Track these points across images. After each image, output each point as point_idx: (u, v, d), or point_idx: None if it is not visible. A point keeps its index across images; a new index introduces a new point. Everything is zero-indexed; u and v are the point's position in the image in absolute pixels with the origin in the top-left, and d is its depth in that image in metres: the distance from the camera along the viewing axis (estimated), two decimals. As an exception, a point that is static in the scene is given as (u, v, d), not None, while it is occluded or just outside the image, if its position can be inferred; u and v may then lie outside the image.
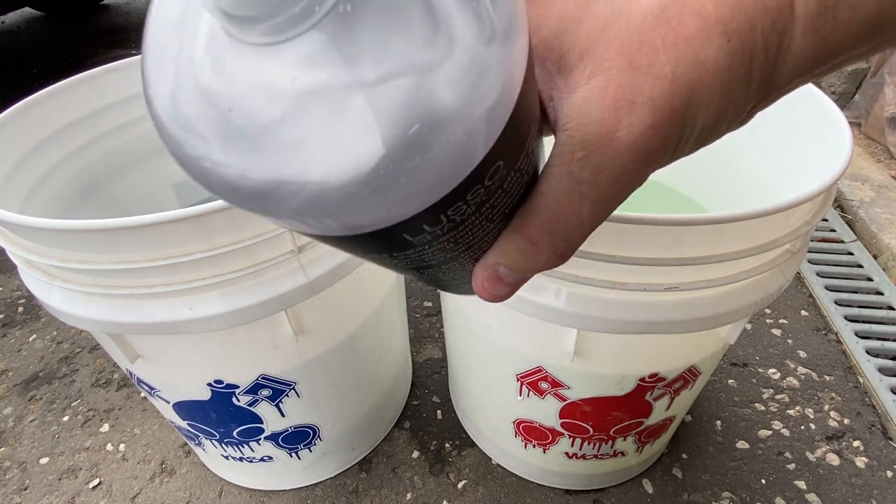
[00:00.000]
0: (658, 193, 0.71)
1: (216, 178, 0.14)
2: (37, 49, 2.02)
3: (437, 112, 0.13)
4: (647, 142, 0.15)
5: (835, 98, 1.35)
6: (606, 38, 0.15)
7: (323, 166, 0.13)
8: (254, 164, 0.14)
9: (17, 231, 0.41)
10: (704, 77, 0.15)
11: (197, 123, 0.14)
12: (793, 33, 0.15)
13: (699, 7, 0.15)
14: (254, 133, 0.13)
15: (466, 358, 0.64)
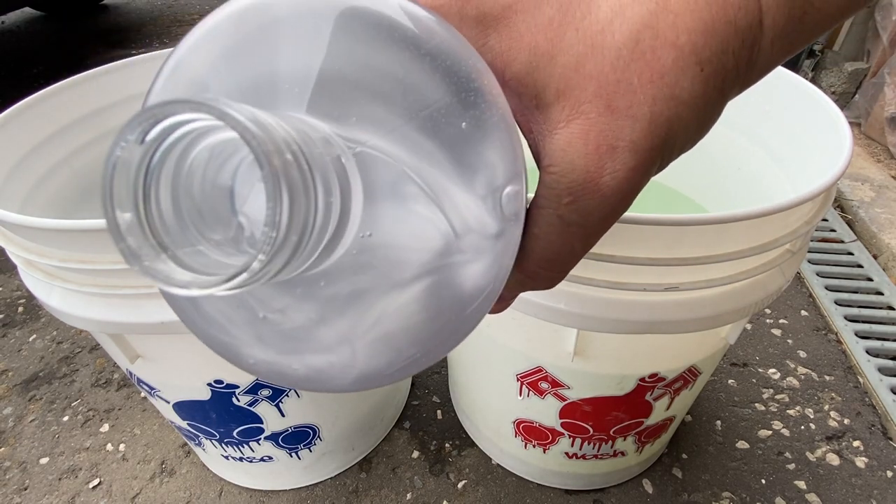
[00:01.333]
0: (658, 193, 0.71)
1: (266, 373, 0.16)
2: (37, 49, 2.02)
3: (462, 299, 0.15)
4: (630, 182, 0.16)
5: (835, 98, 1.35)
6: (582, 76, 0.15)
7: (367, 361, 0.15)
8: (298, 362, 0.16)
9: (17, 231, 0.41)
10: (681, 111, 0.15)
11: (232, 329, 0.16)
12: (762, 45, 0.16)
13: (673, 37, 0.15)
14: (291, 335, 0.15)
15: (466, 358, 0.64)
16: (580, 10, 0.15)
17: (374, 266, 0.14)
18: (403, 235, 0.14)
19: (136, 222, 0.12)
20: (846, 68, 1.33)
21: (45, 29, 2.20)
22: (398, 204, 0.14)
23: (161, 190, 0.12)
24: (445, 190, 0.14)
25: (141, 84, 0.61)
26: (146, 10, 2.37)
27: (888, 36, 1.22)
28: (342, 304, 0.15)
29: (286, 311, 0.15)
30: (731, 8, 0.15)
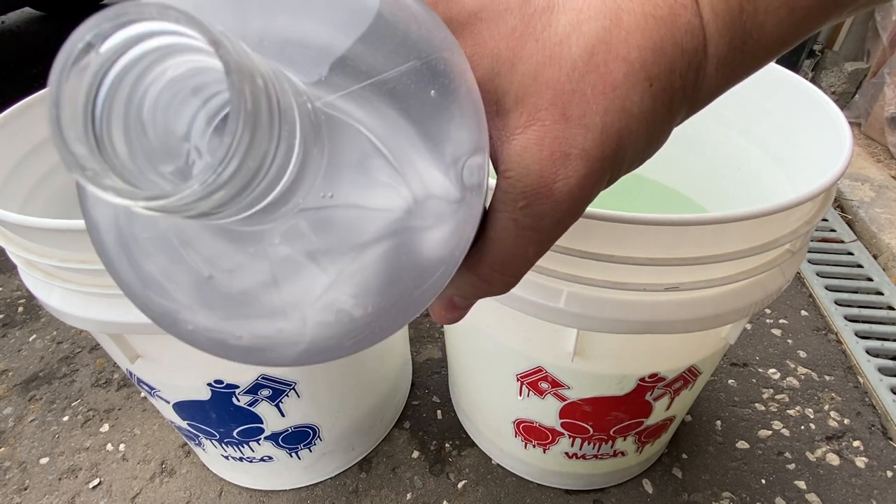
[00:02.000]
0: (658, 193, 0.71)
1: (205, 341, 0.15)
2: (37, 49, 2.02)
3: (422, 266, 0.14)
4: (582, 189, 0.16)
5: (835, 98, 1.35)
6: (539, 85, 0.16)
7: (321, 325, 0.15)
8: (244, 329, 0.15)
9: (17, 231, 0.41)
10: (631, 124, 0.16)
11: (173, 290, 0.14)
12: (706, 70, 0.17)
13: (624, 52, 0.16)
14: (240, 298, 0.14)
15: (466, 358, 0.64)
16: (541, 22, 0.16)
17: (333, 227, 0.14)
18: (365, 197, 0.14)
19: (83, 134, 0.11)
20: (846, 68, 1.33)
21: (45, 29, 2.20)
22: (361, 166, 0.14)
23: (114, 108, 0.11)
24: (408, 155, 0.14)
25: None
26: (146, 10, 2.36)
27: (888, 36, 1.22)
28: (297, 265, 0.14)
29: (236, 270, 0.14)
30: (678, 31, 0.16)
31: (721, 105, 0.63)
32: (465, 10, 0.16)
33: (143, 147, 0.12)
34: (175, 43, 0.11)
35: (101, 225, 0.14)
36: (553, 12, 0.16)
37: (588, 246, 0.38)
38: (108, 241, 0.14)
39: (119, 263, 0.15)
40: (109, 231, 0.14)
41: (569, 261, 0.39)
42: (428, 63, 0.14)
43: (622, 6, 0.16)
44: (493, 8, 0.16)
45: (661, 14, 0.16)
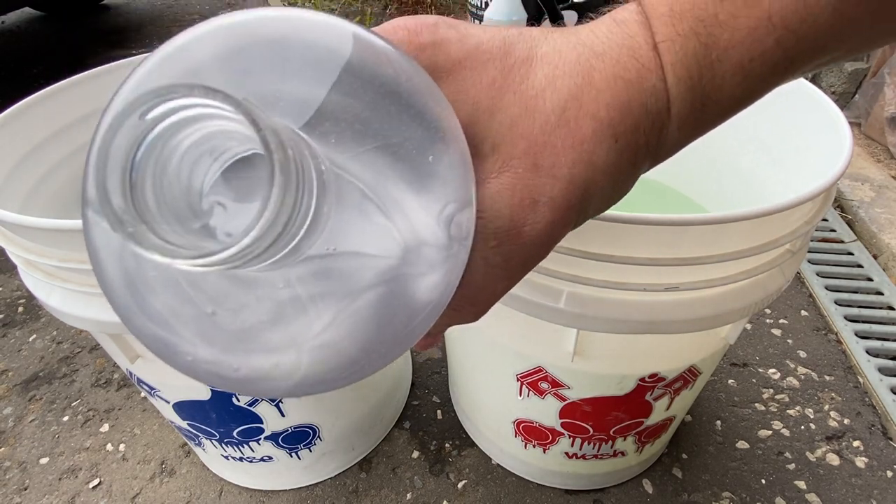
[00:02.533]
0: (658, 193, 0.71)
1: (202, 372, 0.16)
2: (37, 49, 2.02)
3: (411, 309, 0.16)
4: (549, 234, 0.18)
5: (835, 98, 1.35)
6: (515, 135, 0.17)
7: (319, 363, 0.16)
8: (242, 362, 0.16)
9: (17, 231, 0.41)
10: (596, 176, 0.18)
11: (175, 324, 0.15)
12: (669, 129, 0.18)
13: (594, 110, 0.17)
14: (240, 335, 0.15)
15: (466, 358, 0.64)
16: (519, 75, 0.17)
17: (333, 274, 0.15)
18: (363, 248, 0.15)
19: (123, 193, 0.12)
20: (846, 68, 1.33)
21: (45, 29, 2.20)
22: (360, 220, 0.15)
23: (148, 170, 0.13)
24: (402, 211, 0.15)
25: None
26: (146, 10, 2.37)
27: (888, 36, 1.22)
28: (297, 307, 0.15)
29: (240, 310, 0.15)
30: (644, 93, 0.17)
31: (721, 105, 0.63)
32: (451, 58, 0.17)
33: (170, 203, 0.13)
34: (199, 113, 0.13)
35: (105, 259, 0.15)
36: (531, 65, 0.18)
37: (588, 246, 0.38)
38: (111, 273, 0.15)
39: (121, 295, 0.15)
40: (113, 265, 0.15)
41: (569, 261, 0.39)
42: (430, 132, 0.15)
43: (594, 66, 0.17)
44: (476, 57, 0.17)
45: (629, 77, 0.17)
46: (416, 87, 0.15)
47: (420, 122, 0.15)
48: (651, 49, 0.18)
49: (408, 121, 0.15)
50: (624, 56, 0.18)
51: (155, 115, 0.12)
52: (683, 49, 0.17)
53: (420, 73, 0.16)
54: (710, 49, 0.17)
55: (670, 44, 0.17)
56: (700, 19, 0.17)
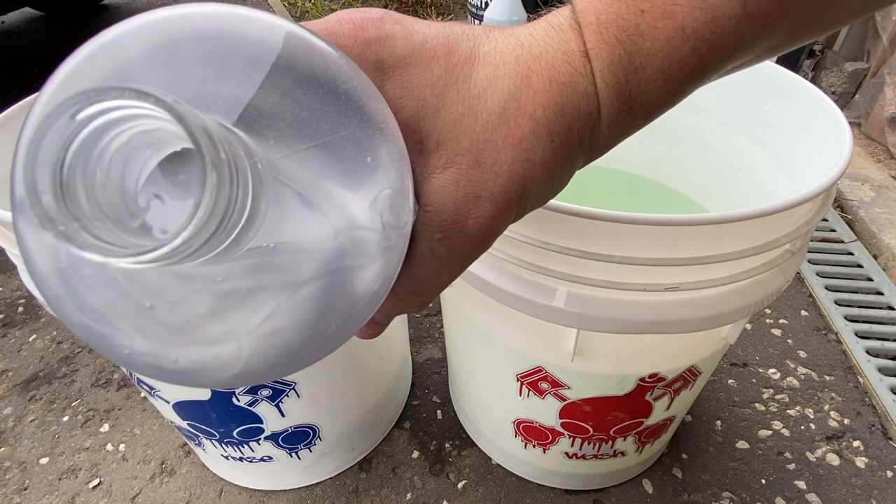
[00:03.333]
0: (658, 193, 0.71)
1: (140, 364, 0.16)
2: (37, 49, 2.02)
3: (350, 299, 0.16)
4: (490, 226, 0.19)
5: (835, 98, 1.35)
6: (458, 133, 0.18)
7: (258, 352, 0.16)
8: (181, 354, 0.16)
9: (17, 231, 0.41)
10: (534, 172, 0.19)
11: (112, 318, 0.16)
12: (600, 128, 0.20)
13: (531, 110, 0.18)
14: (179, 327, 0.16)
15: (466, 358, 0.64)
16: (462, 74, 0.18)
17: (272, 267, 0.15)
18: (302, 241, 0.16)
19: (53, 192, 0.12)
20: (846, 68, 1.33)
21: (45, 29, 2.20)
22: (298, 214, 0.15)
23: (79, 169, 0.13)
24: (340, 204, 0.16)
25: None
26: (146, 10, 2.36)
27: (888, 36, 1.22)
28: (236, 300, 0.16)
29: (178, 303, 0.16)
30: (577, 96, 0.19)
31: (721, 105, 0.64)
32: (396, 54, 0.18)
33: (104, 202, 0.13)
34: (130, 114, 0.13)
35: (36, 256, 0.15)
36: (474, 64, 0.18)
37: (588, 246, 0.38)
38: (45, 271, 0.15)
39: (55, 292, 0.15)
40: (45, 262, 0.15)
41: (569, 261, 0.39)
42: (367, 131, 0.16)
43: (532, 68, 0.19)
44: (421, 55, 0.18)
45: (563, 80, 0.19)
46: (346, 81, 0.16)
47: (352, 117, 0.16)
48: (583, 55, 0.19)
49: (340, 115, 0.15)
50: (559, 61, 0.19)
51: (85, 116, 0.12)
52: (610, 56, 0.19)
53: (350, 66, 0.16)
54: (633, 56, 0.19)
55: (598, 51, 0.19)
56: (623, 29, 0.18)
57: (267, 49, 0.15)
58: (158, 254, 0.12)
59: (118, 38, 0.15)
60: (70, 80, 0.15)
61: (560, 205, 0.36)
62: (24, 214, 0.14)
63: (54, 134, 0.12)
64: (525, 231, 0.39)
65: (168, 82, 0.15)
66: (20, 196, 0.14)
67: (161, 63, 0.15)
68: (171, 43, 0.15)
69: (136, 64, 0.15)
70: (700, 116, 0.63)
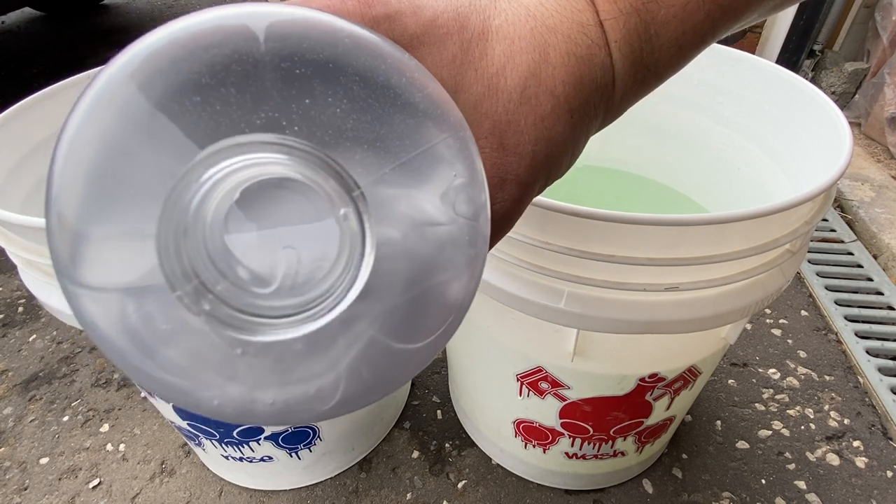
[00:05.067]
0: (658, 193, 0.71)
1: (232, 412, 0.15)
2: (37, 49, 2.02)
3: (442, 313, 0.16)
4: (516, 208, 0.19)
5: (835, 98, 1.35)
6: (479, 115, 0.18)
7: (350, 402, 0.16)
8: (278, 395, 0.15)
9: (17, 231, 0.41)
10: (555, 150, 0.19)
11: (197, 371, 0.15)
12: (613, 100, 0.20)
13: (551, 86, 0.18)
14: (274, 368, 0.15)
15: (466, 358, 0.64)
16: (478, 51, 0.18)
17: (369, 294, 0.15)
18: (394, 261, 0.15)
19: (183, 268, 0.12)
20: (846, 68, 1.33)
21: (45, 29, 2.20)
22: (392, 237, 0.15)
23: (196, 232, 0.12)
24: (425, 215, 0.15)
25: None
26: (146, 10, 2.37)
27: (888, 36, 1.22)
28: (333, 332, 0.15)
29: (272, 344, 0.15)
30: (595, 69, 0.19)
31: (721, 105, 0.64)
32: (408, 32, 0.17)
33: (210, 259, 0.13)
34: (244, 165, 0.13)
35: (101, 322, 0.14)
36: (488, 40, 0.18)
37: (588, 246, 0.38)
38: (113, 335, 0.14)
39: (130, 354, 0.14)
40: (114, 326, 0.14)
41: (569, 261, 0.39)
42: (447, 146, 0.15)
43: (548, 41, 0.18)
44: (434, 32, 0.17)
45: (581, 53, 0.18)
46: (421, 88, 0.15)
47: (432, 127, 0.15)
48: (598, 26, 0.18)
49: (420, 129, 0.15)
50: (575, 32, 0.18)
51: (208, 175, 0.12)
52: (626, 26, 0.19)
53: (421, 71, 0.15)
54: (649, 25, 0.19)
55: (614, 21, 0.18)
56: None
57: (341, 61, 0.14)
58: (334, 316, 0.12)
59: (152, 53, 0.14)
60: (108, 95, 0.13)
61: (560, 205, 0.36)
62: (74, 286, 0.13)
63: (180, 195, 0.12)
64: (525, 231, 0.39)
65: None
66: (64, 265, 0.13)
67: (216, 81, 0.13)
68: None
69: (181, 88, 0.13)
70: (700, 116, 0.63)
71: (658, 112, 0.66)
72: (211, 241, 0.13)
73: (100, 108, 0.13)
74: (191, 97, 0.13)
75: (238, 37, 0.13)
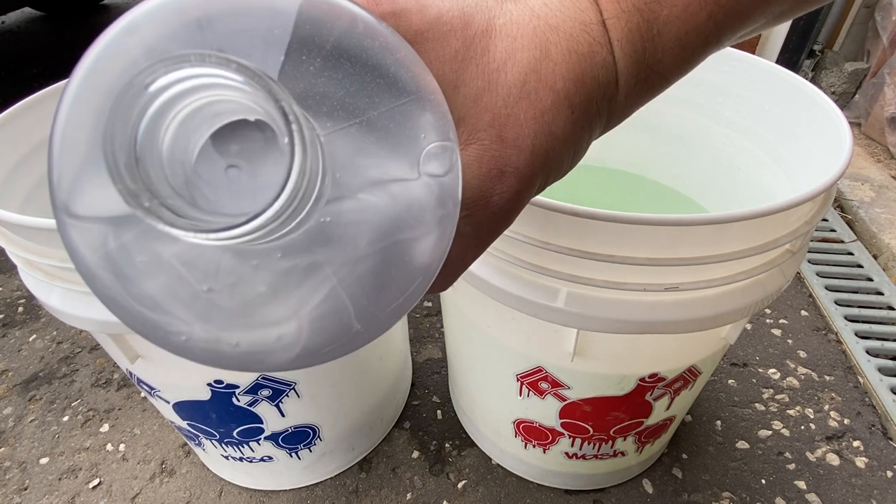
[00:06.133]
0: (658, 193, 0.71)
1: (199, 351, 0.15)
2: (37, 49, 2.02)
3: (411, 270, 0.16)
4: (515, 201, 0.19)
5: (835, 98, 1.35)
6: (479, 108, 0.18)
7: (318, 334, 0.16)
8: (242, 337, 0.15)
9: (17, 231, 0.41)
10: (555, 145, 0.19)
11: (167, 305, 0.15)
12: (618, 98, 0.20)
13: (552, 82, 0.18)
14: (239, 309, 0.15)
15: (466, 358, 0.64)
16: (480, 47, 0.18)
17: (332, 241, 0.15)
18: (355, 213, 0.15)
19: (130, 169, 0.12)
20: (846, 68, 1.33)
21: (45, 29, 2.20)
22: (355, 184, 0.15)
23: (148, 145, 0.13)
24: (393, 173, 0.15)
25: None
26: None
27: (888, 36, 1.22)
28: (297, 277, 0.15)
29: (238, 284, 0.15)
30: (596, 66, 0.19)
31: (721, 105, 0.64)
32: (412, 28, 0.18)
33: (171, 178, 0.13)
34: (199, 84, 0.13)
35: (84, 250, 0.15)
36: (491, 37, 0.18)
37: (588, 246, 0.38)
38: (93, 264, 0.15)
39: (106, 285, 0.15)
40: (94, 255, 0.15)
41: (569, 261, 0.39)
42: (419, 103, 0.15)
43: (550, 39, 0.18)
44: (438, 28, 0.18)
45: (582, 51, 0.19)
46: (395, 51, 0.15)
47: (403, 89, 0.15)
48: (600, 24, 0.19)
49: (391, 88, 0.15)
50: (577, 31, 0.19)
51: (158, 87, 0.12)
52: (628, 25, 0.19)
53: (395, 37, 0.15)
54: (651, 24, 0.19)
55: (616, 20, 0.19)
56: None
57: (322, 27, 0.15)
58: (252, 226, 0.12)
59: (147, 14, 0.14)
60: (109, 52, 0.14)
61: (560, 205, 0.36)
62: (65, 216, 0.14)
63: (128, 106, 0.12)
64: (525, 231, 0.39)
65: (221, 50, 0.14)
66: (62, 196, 0.14)
67: (199, 37, 0.14)
68: (207, 17, 0.14)
69: (171, 39, 0.14)
70: (700, 116, 0.63)
71: (658, 112, 0.66)
72: (169, 165, 0.13)
73: (108, 46, 0.14)
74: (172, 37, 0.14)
75: None
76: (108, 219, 0.14)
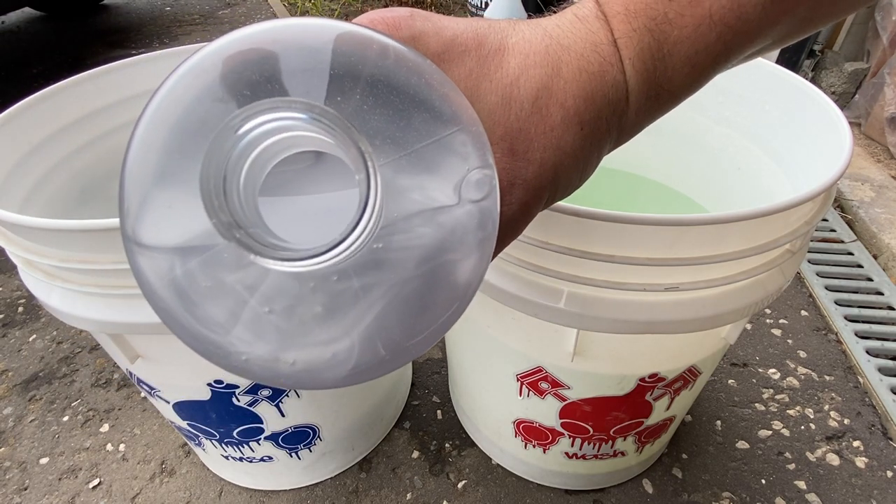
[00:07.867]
0: (658, 193, 0.71)
1: (258, 370, 0.16)
2: (37, 49, 2.02)
3: (455, 289, 0.17)
4: (523, 213, 0.20)
5: (835, 98, 1.35)
6: (493, 122, 0.19)
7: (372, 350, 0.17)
8: (299, 356, 0.16)
9: (17, 231, 0.41)
10: (564, 160, 0.19)
11: (229, 326, 0.16)
12: (628, 116, 0.21)
13: (562, 99, 0.19)
14: (297, 329, 0.16)
15: (466, 358, 0.64)
16: (494, 64, 0.19)
17: (381, 264, 0.16)
18: (407, 237, 0.16)
19: (222, 201, 0.14)
20: (846, 68, 1.33)
21: (45, 29, 2.20)
22: (403, 210, 0.16)
23: (232, 181, 0.14)
24: (437, 198, 0.17)
25: (140, 84, 0.61)
26: (146, 10, 2.37)
27: (888, 36, 1.22)
28: (350, 298, 0.16)
29: (296, 305, 0.16)
30: (606, 85, 0.19)
31: (721, 105, 0.63)
32: (430, 51, 0.19)
33: (248, 210, 0.15)
34: (277, 126, 0.14)
35: (152, 277, 0.16)
36: (504, 55, 0.19)
37: (588, 246, 0.38)
38: (160, 289, 0.16)
39: (172, 308, 0.16)
40: (161, 281, 0.16)
41: (569, 261, 0.39)
42: (459, 134, 0.16)
43: (561, 58, 0.19)
44: (454, 49, 0.19)
45: (592, 70, 0.19)
46: (440, 86, 0.16)
47: (448, 121, 0.16)
48: (611, 45, 0.20)
49: (436, 121, 0.16)
50: (588, 50, 0.19)
51: (245, 130, 0.14)
52: (640, 45, 0.19)
53: (439, 73, 0.16)
54: (662, 44, 0.19)
55: (627, 40, 0.19)
56: (652, 18, 0.19)
57: (367, 62, 0.16)
58: (332, 254, 0.13)
59: (211, 54, 0.15)
60: (173, 98, 0.15)
61: (560, 205, 0.36)
62: (135, 246, 0.15)
63: (220, 148, 0.13)
64: (525, 231, 0.39)
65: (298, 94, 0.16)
66: (130, 228, 0.15)
67: (259, 77, 0.15)
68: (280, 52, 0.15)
69: (236, 82, 0.15)
70: (700, 116, 0.63)
71: (658, 112, 0.66)
72: (245, 198, 0.15)
73: (185, 77, 0.15)
74: (252, 75, 0.15)
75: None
76: (174, 248, 0.15)
